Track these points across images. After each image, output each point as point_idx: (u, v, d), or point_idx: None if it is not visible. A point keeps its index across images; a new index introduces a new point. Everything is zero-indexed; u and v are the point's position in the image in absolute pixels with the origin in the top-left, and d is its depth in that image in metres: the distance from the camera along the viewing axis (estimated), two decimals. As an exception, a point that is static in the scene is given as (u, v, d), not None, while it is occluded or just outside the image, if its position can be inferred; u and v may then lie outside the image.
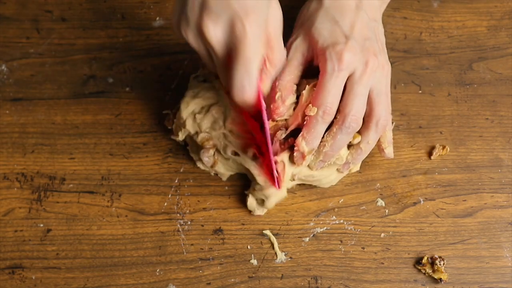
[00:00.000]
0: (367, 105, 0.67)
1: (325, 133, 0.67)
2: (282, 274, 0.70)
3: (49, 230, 0.71)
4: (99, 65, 0.77)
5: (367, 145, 0.69)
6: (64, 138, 0.74)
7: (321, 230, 0.71)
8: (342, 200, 0.73)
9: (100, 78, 0.77)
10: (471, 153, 0.75)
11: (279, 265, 0.70)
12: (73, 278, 0.69)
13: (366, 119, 0.68)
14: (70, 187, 0.73)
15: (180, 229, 0.71)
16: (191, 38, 0.63)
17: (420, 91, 0.77)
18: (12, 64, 0.77)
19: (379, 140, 0.70)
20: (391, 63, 0.75)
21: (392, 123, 0.73)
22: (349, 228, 0.71)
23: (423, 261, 0.70)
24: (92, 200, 0.72)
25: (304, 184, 0.72)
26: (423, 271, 0.70)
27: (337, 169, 0.71)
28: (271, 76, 0.66)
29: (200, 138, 0.70)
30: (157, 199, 0.72)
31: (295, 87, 0.68)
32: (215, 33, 0.61)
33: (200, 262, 0.70)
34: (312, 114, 0.66)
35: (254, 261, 0.70)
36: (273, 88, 0.67)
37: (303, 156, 0.67)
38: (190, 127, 0.70)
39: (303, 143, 0.67)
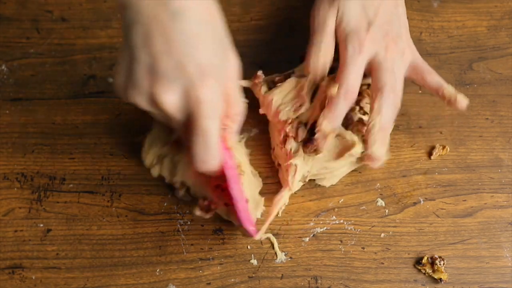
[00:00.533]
0: None
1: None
2: (282, 274, 0.70)
3: (49, 230, 0.71)
4: (99, 65, 0.77)
5: (376, 116, 0.68)
6: (64, 138, 0.74)
7: (321, 230, 0.71)
8: (342, 200, 0.73)
9: (100, 78, 0.77)
10: (471, 153, 0.75)
11: (279, 265, 0.70)
12: (73, 278, 0.69)
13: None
14: (70, 187, 0.73)
15: (180, 229, 0.71)
16: (144, 104, 0.58)
17: (420, 91, 0.77)
18: (12, 64, 0.77)
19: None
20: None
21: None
22: (349, 228, 0.71)
23: (423, 261, 0.70)
24: (92, 200, 0.72)
25: (304, 184, 0.72)
26: (423, 271, 0.70)
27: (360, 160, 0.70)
28: (234, 131, 0.63)
29: (167, 180, 0.71)
30: (157, 199, 0.72)
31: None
32: (171, 101, 0.56)
33: (200, 262, 0.70)
34: (334, 93, 0.67)
35: (254, 261, 0.70)
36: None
37: (325, 137, 0.67)
38: (155, 171, 0.71)
39: (324, 122, 0.67)
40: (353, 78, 0.67)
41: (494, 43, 0.80)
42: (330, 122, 0.67)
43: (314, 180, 0.73)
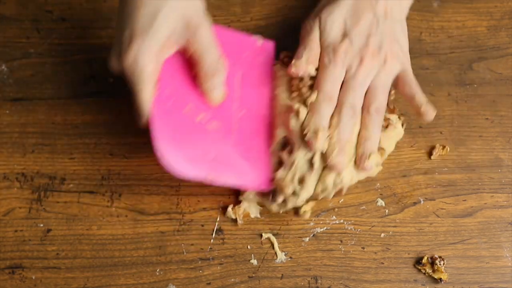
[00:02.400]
0: (364, 98, 0.70)
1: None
2: (282, 274, 0.70)
3: (49, 230, 0.71)
4: (99, 65, 0.77)
5: (366, 132, 0.69)
6: (64, 138, 0.74)
7: (321, 230, 0.71)
8: (342, 200, 0.73)
9: (100, 78, 0.77)
10: (471, 153, 0.75)
11: (279, 265, 0.70)
12: (73, 278, 0.69)
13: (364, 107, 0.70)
14: (70, 187, 0.73)
15: (180, 229, 0.71)
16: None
17: (420, 91, 0.77)
18: (12, 64, 0.77)
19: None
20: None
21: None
22: (349, 228, 0.71)
23: (423, 261, 0.70)
24: (92, 200, 0.72)
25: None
26: (423, 271, 0.70)
27: (355, 163, 0.70)
28: (215, 85, 0.69)
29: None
30: (157, 199, 0.72)
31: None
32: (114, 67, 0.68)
33: (200, 262, 0.70)
34: (313, 99, 0.69)
35: (254, 261, 0.70)
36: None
37: (316, 135, 0.68)
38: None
39: (311, 123, 0.68)
40: (330, 84, 0.69)
41: (494, 43, 0.80)
42: (316, 122, 0.68)
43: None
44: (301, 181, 0.68)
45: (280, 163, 0.70)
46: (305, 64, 0.70)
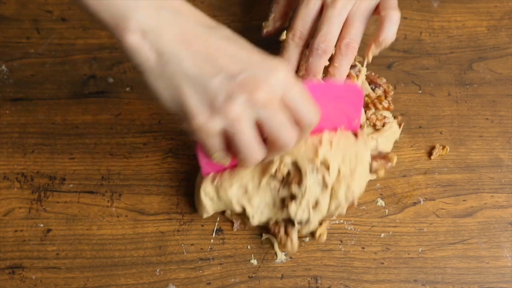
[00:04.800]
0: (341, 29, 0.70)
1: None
2: (282, 274, 0.70)
3: (49, 230, 0.71)
4: (99, 65, 0.77)
5: (334, 68, 0.69)
6: (64, 138, 0.74)
7: (321, 230, 0.71)
8: (342, 200, 0.73)
9: (100, 78, 0.77)
10: (471, 153, 0.75)
11: (279, 265, 0.70)
12: (73, 278, 0.69)
13: (337, 42, 0.70)
14: (70, 187, 0.73)
15: (180, 229, 0.71)
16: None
17: (420, 91, 0.77)
18: (12, 64, 0.77)
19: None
20: (391, 63, 0.75)
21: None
22: (349, 228, 0.71)
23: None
24: (92, 200, 0.72)
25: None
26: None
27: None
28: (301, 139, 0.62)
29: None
30: (157, 199, 0.72)
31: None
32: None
33: (200, 262, 0.70)
34: (283, 38, 0.71)
35: (254, 261, 0.70)
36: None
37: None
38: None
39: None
40: (301, 22, 0.69)
41: (494, 43, 0.80)
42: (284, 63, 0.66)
43: None
44: (315, 204, 0.67)
45: (283, 200, 0.68)
46: (272, 22, 0.71)
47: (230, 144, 0.59)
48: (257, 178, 0.67)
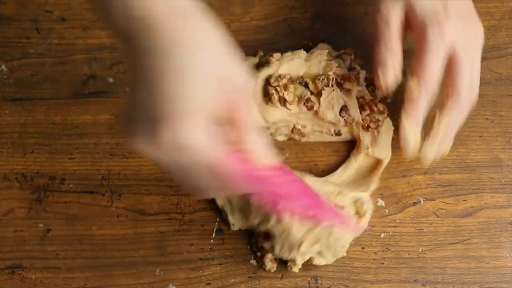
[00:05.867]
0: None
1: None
2: (282, 274, 0.70)
3: (49, 230, 0.71)
4: (99, 65, 0.77)
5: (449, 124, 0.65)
6: (64, 138, 0.74)
7: (321, 230, 0.71)
8: (342, 200, 0.73)
9: (100, 78, 0.77)
10: (471, 153, 0.75)
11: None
12: (73, 278, 0.69)
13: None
14: (70, 187, 0.73)
15: (180, 229, 0.71)
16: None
17: (420, 91, 0.77)
18: (12, 64, 0.77)
19: None
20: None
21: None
22: (349, 228, 0.71)
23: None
24: (92, 200, 0.72)
25: (304, 184, 0.72)
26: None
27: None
28: (259, 150, 0.56)
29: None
30: (157, 199, 0.72)
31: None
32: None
33: (200, 262, 0.70)
34: (413, 87, 0.63)
35: (254, 261, 0.70)
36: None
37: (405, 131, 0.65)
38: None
39: (407, 121, 0.64)
40: (433, 68, 0.61)
41: (494, 43, 0.80)
42: (413, 120, 0.63)
43: None
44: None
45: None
46: (392, 70, 0.61)
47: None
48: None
